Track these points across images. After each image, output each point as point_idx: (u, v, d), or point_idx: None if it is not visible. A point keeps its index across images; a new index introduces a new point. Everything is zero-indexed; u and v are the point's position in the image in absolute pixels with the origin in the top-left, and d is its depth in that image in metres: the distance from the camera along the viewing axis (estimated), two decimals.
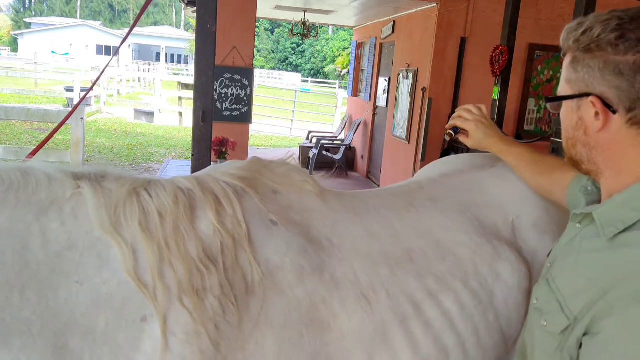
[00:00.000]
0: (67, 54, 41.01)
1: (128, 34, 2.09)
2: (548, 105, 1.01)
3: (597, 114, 0.88)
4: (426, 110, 5.99)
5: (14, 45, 50.94)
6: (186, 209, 1.08)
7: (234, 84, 4.70)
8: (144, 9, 2.24)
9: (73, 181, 1.06)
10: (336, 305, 1.13)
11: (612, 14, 0.86)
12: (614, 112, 0.86)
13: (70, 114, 2.05)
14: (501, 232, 1.42)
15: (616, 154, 0.89)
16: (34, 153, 1.67)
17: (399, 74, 6.97)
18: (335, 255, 1.19)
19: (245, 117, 4.88)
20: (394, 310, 1.18)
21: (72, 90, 14.04)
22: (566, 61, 0.94)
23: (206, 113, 2.51)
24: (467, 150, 5.52)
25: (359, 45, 9.61)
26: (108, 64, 2.12)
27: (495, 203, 1.47)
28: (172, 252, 1.02)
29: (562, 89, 0.95)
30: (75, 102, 13.33)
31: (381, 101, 7.94)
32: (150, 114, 14.71)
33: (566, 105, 0.95)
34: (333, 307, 1.12)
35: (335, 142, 9.61)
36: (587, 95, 0.88)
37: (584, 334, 0.83)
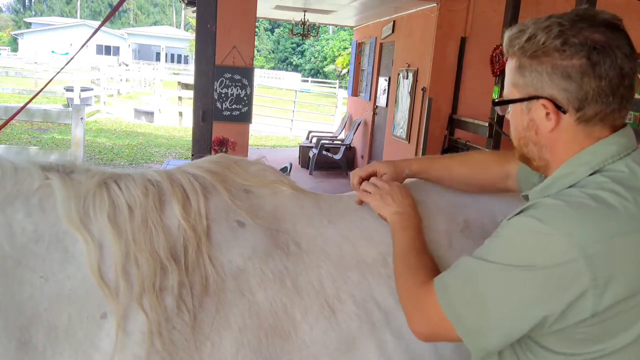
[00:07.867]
0: (66, 53, 40.94)
1: (99, 27, 2.05)
2: (497, 108, 1.06)
3: (547, 114, 0.94)
4: (426, 110, 5.99)
5: (14, 45, 50.92)
6: (155, 201, 1.05)
7: (234, 84, 4.68)
8: (119, 5, 2.18)
9: (41, 172, 1.03)
10: (298, 314, 1.09)
11: (552, 19, 0.92)
12: (564, 112, 0.93)
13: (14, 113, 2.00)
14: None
15: (563, 150, 0.96)
16: None
17: (399, 74, 6.97)
18: (302, 261, 1.15)
19: (245, 117, 4.87)
20: (361, 319, 1.13)
21: (72, 90, 14.02)
22: (511, 65, 1.00)
23: (206, 113, 2.51)
24: (468, 150, 5.52)
25: (359, 45, 9.61)
26: (74, 56, 2.08)
27: (483, 200, 1.40)
28: (139, 248, 1.00)
29: (510, 92, 1.01)
30: (75, 102, 13.31)
31: (381, 101, 7.93)
32: (150, 114, 14.71)
33: (515, 107, 1.00)
34: (294, 316, 1.09)
35: (335, 141, 9.61)
36: (537, 98, 0.94)
37: None
